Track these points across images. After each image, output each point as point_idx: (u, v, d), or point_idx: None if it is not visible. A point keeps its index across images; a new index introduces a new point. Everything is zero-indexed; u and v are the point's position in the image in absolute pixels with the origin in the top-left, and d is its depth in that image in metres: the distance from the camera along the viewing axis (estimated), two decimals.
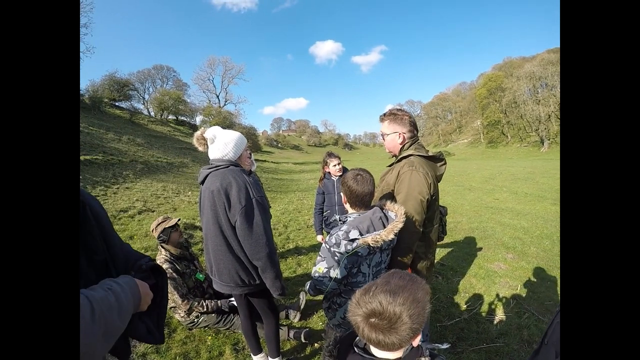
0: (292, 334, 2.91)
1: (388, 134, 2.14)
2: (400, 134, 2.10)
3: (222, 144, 2.02)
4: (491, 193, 11.62)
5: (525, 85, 53.20)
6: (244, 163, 2.17)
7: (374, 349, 1.03)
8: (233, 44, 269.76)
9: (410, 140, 2.12)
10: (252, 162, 3.53)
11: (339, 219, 1.86)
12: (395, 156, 2.19)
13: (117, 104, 35.13)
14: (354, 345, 1.10)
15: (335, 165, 3.73)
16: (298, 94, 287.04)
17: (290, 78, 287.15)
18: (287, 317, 3.30)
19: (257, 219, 1.93)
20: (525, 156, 45.39)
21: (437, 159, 2.16)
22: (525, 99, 53.27)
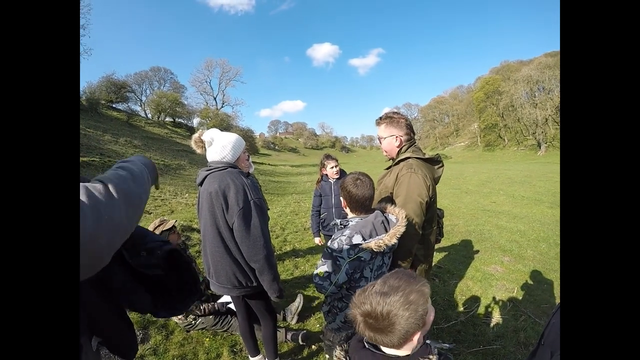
0: (289, 336, 2.90)
1: (385, 137, 2.15)
2: (397, 137, 2.10)
3: (220, 147, 2.02)
4: (488, 196, 11.66)
5: (523, 88, 53.54)
6: (242, 165, 2.17)
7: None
8: (230, 47, 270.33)
9: (407, 143, 2.13)
10: (250, 164, 3.53)
11: (340, 223, 1.85)
12: (393, 159, 2.19)
13: (114, 105, 35.06)
14: (364, 341, 1.10)
15: (333, 167, 3.73)
16: (295, 96, 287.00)
17: (287, 80, 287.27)
18: (284, 319, 3.30)
19: (255, 221, 1.92)
20: (522, 159, 45.60)
21: (434, 162, 2.17)
22: (522, 103, 53.64)
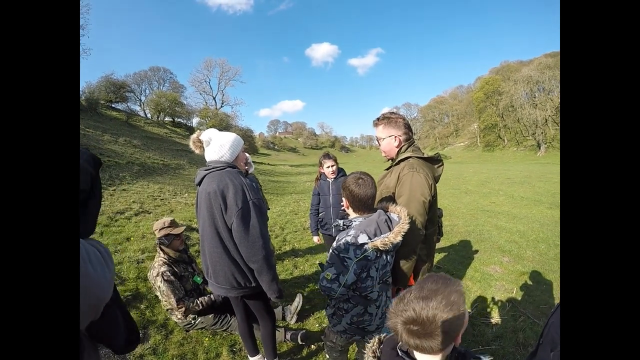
0: (289, 336, 2.90)
1: (384, 138, 2.14)
2: (396, 137, 2.10)
3: (218, 146, 2.02)
4: (487, 196, 11.66)
5: (523, 89, 53.57)
6: (241, 164, 2.16)
7: (417, 353, 1.04)
8: (229, 47, 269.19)
9: (406, 142, 2.12)
10: (250, 163, 3.53)
11: (343, 224, 1.85)
12: (392, 160, 2.19)
13: (113, 105, 34.88)
14: (397, 348, 1.10)
15: (329, 167, 3.67)
16: (294, 96, 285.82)
17: (286, 80, 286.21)
18: (283, 318, 3.30)
19: (254, 222, 1.91)
20: (521, 160, 45.64)
21: (435, 161, 2.17)
22: (522, 103, 53.67)
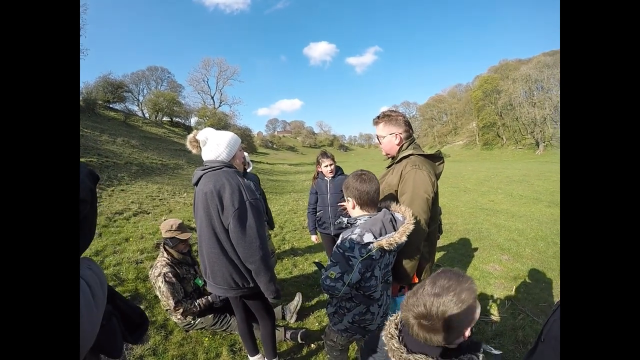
0: (288, 335, 2.90)
1: (384, 136, 2.13)
2: (396, 134, 2.09)
3: (214, 145, 2.00)
4: (486, 195, 11.68)
5: (521, 87, 53.57)
6: (238, 163, 2.14)
7: None
8: (226, 46, 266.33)
9: (407, 140, 2.12)
10: (248, 163, 3.51)
11: (347, 222, 1.84)
12: (393, 158, 2.19)
13: (111, 105, 34.72)
14: None
15: (327, 166, 3.63)
16: (292, 95, 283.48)
17: (284, 79, 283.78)
18: (283, 317, 3.30)
19: (251, 222, 1.90)
20: (520, 158, 45.67)
21: (435, 158, 2.16)
22: (520, 102, 53.68)
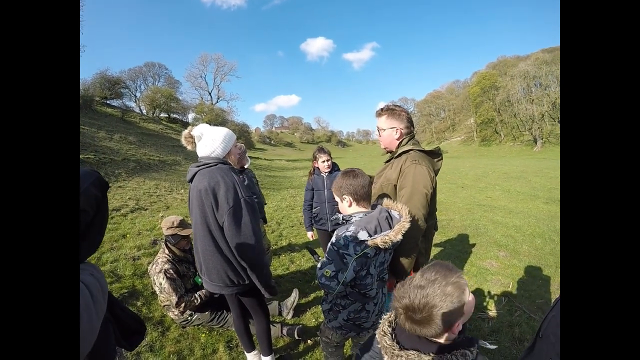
0: (285, 331, 2.91)
1: (385, 129, 2.14)
2: (397, 129, 2.10)
3: (209, 141, 1.98)
4: (484, 191, 11.70)
5: (519, 84, 53.51)
6: (233, 160, 2.13)
7: None
8: (223, 41, 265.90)
9: (407, 135, 2.12)
10: (246, 158, 3.51)
11: (342, 218, 1.83)
12: (391, 152, 2.19)
13: (108, 102, 34.63)
14: None
15: (324, 161, 3.64)
16: (289, 91, 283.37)
17: (281, 75, 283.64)
18: (280, 314, 3.30)
19: (246, 220, 1.89)
20: (518, 155, 45.75)
21: (434, 154, 2.17)
22: (519, 98, 53.65)
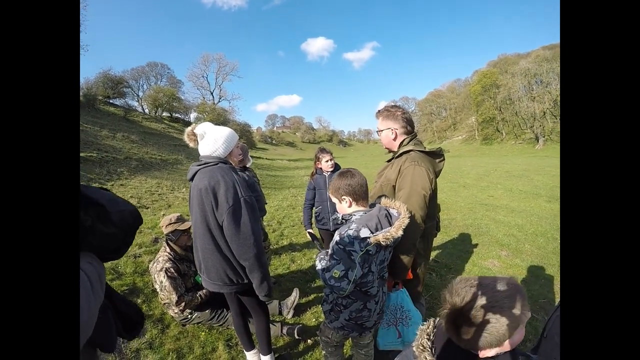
0: (285, 330, 2.90)
1: (382, 130, 2.16)
2: (392, 130, 2.10)
3: (212, 140, 1.99)
4: (486, 190, 11.67)
5: (520, 82, 53.35)
6: (234, 160, 2.13)
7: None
8: (224, 42, 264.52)
9: (409, 136, 2.12)
10: (248, 158, 3.52)
11: (342, 218, 1.83)
12: (392, 152, 2.20)
13: (111, 101, 34.84)
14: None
15: (327, 161, 3.68)
16: (291, 90, 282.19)
17: (282, 75, 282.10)
18: (280, 313, 3.30)
19: (245, 219, 1.89)
20: (519, 153, 45.61)
21: (436, 155, 2.17)
22: (520, 96, 53.43)
